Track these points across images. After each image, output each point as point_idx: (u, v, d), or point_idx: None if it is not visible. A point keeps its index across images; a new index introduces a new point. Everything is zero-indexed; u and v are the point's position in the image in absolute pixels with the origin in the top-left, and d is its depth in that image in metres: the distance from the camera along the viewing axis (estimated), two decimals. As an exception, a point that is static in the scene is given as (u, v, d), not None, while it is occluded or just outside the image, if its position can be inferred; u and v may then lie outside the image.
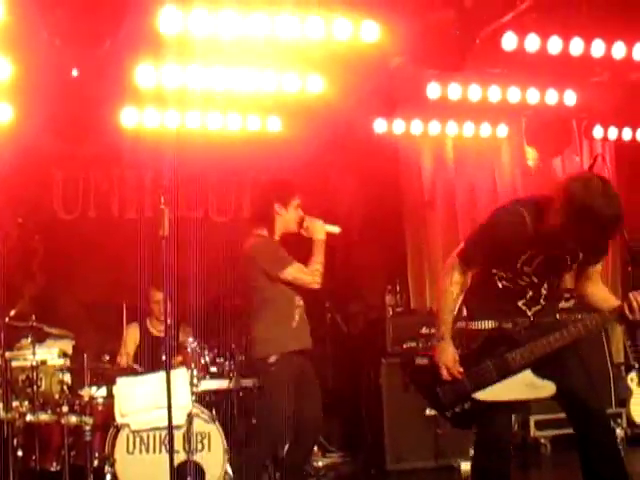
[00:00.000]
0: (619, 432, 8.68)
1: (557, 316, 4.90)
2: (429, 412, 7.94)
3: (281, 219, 6.44)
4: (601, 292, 4.95)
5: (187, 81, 7.67)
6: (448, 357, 4.72)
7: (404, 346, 8.24)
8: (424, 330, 8.31)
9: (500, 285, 4.76)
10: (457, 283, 4.79)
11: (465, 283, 4.84)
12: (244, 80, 7.80)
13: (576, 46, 7.59)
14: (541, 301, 4.77)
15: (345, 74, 7.97)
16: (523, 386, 4.71)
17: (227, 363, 7.33)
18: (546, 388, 4.71)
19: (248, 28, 6.84)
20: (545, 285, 4.75)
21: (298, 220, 6.46)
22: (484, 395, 4.71)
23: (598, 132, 9.64)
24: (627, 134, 9.68)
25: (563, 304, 8.59)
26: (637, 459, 7.72)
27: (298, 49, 7.29)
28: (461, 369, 4.71)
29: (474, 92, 8.58)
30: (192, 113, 8.37)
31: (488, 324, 4.75)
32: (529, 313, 4.75)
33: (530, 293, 4.74)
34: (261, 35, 6.90)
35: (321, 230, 6.46)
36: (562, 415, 4.87)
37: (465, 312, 4.91)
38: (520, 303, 4.75)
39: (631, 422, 8.93)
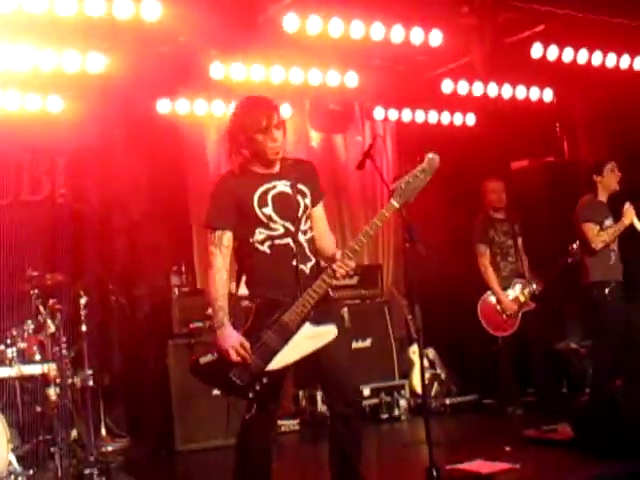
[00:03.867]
0: (403, 403, 9.01)
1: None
2: (217, 392, 7.98)
3: (601, 184, 8.02)
4: (330, 247, 5.13)
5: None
6: (233, 340, 4.74)
7: (191, 326, 8.25)
8: (210, 310, 8.30)
9: (266, 250, 4.88)
10: (221, 268, 4.88)
11: (227, 266, 4.91)
12: (22, 58, 7.51)
13: (357, 29, 7.75)
14: (308, 254, 4.93)
15: (127, 53, 7.84)
16: (307, 340, 4.81)
17: (9, 350, 7.08)
18: (328, 333, 4.84)
19: (26, 4, 6.60)
20: (300, 234, 4.91)
21: (617, 180, 8.08)
22: (275, 364, 4.78)
23: (379, 113, 9.90)
24: (407, 115, 9.99)
25: (348, 281, 8.93)
26: (419, 428, 8.00)
27: (78, 27, 7.09)
28: (248, 349, 4.74)
29: (257, 72, 8.62)
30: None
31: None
32: (307, 271, 4.89)
33: (294, 248, 4.87)
34: (40, 12, 6.68)
35: (629, 217, 7.88)
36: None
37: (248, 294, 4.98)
38: (294, 262, 4.87)
39: (413, 392, 9.27)
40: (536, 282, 8.71)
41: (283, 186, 4.95)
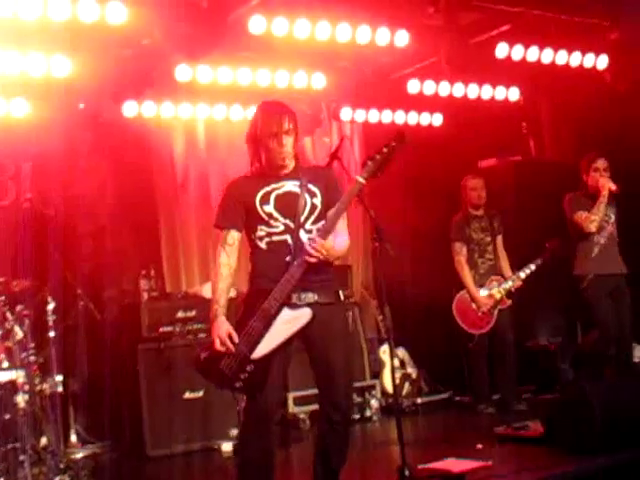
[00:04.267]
0: (374, 403, 9.02)
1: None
2: (188, 395, 7.98)
3: (587, 183, 8.24)
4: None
5: None
6: (221, 330, 4.88)
7: (160, 330, 8.21)
8: (180, 314, 8.34)
9: (264, 246, 5.00)
10: (224, 264, 5.05)
11: (231, 263, 5.06)
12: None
13: (323, 30, 7.75)
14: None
15: (93, 56, 7.79)
16: (285, 324, 4.89)
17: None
18: (302, 315, 4.92)
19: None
20: (302, 232, 4.97)
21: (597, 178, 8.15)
22: (258, 351, 4.86)
23: (346, 114, 9.90)
24: (374, 116, 9.99)
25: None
26: (391, 427, 8.00)
27: (43, 30, 7.04)
28: (235, 339, 4.87)
29: (224, 75, 8.60)
30: None
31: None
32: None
33: (292, 244, 4.95)
34: (4, 16, 6.62)
35: (605, 186, 8.06)
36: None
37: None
38: (289, 258, 4.94)
39: (385, 392, 9.28)
40: (535, 261, 8.73)
41: (291, 186, 5.07)
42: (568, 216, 8.23)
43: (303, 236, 4.97)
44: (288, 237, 4.97)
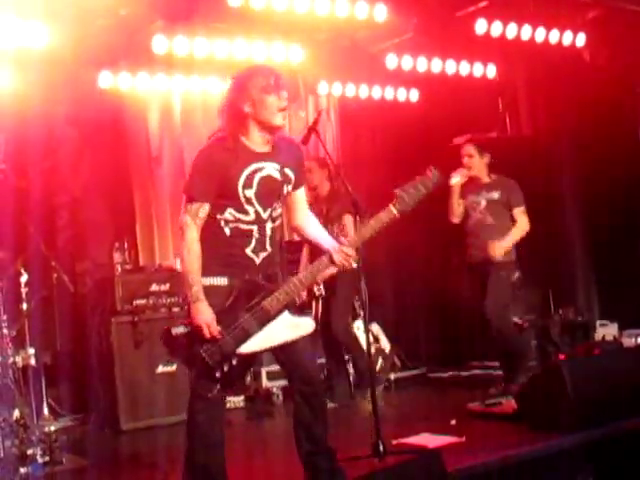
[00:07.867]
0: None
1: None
2: (162, 369, 7.96)
3: None
4: (313, 226, 5.13)
5: None
6: (206, 316, 4.63)
7: (134, 303, 8.17)
8: (154, 287, 8.30)
9: (228, 231, 4.73)
10: (194, 240, 4.70)
11: (198, 239, 4.72)
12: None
13: (301, 3, 7.71)
14: (267, 246, 4.82)
15: (70, 26, 7.71)
16: (284, 328, 4.76)
17: None
18: (306, 324, 4.83)
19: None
20: (269, 223, 4.79)
21: None
22: (247, 348, 4.71)
23: (323, 88, 9.85)
24: (350, 90, 9.95)
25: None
26: (364, 403, 8.02)
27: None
28: (219, 327, 4.65)
29: (200, 46, 8.53)
30: None
31: (220, 280, 4.73)
32: (257, 261, 4.79)
33: (257, 236, 4.75)
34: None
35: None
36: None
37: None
38: (248, 250, 4.76)
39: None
40: None
41: (272, 169, 4.78)
42: None
43: (267, 226, 4.79)
44: (254, 227, 4.75)
